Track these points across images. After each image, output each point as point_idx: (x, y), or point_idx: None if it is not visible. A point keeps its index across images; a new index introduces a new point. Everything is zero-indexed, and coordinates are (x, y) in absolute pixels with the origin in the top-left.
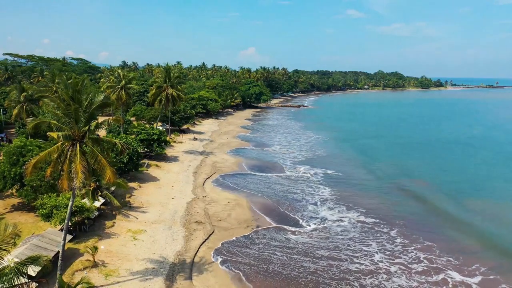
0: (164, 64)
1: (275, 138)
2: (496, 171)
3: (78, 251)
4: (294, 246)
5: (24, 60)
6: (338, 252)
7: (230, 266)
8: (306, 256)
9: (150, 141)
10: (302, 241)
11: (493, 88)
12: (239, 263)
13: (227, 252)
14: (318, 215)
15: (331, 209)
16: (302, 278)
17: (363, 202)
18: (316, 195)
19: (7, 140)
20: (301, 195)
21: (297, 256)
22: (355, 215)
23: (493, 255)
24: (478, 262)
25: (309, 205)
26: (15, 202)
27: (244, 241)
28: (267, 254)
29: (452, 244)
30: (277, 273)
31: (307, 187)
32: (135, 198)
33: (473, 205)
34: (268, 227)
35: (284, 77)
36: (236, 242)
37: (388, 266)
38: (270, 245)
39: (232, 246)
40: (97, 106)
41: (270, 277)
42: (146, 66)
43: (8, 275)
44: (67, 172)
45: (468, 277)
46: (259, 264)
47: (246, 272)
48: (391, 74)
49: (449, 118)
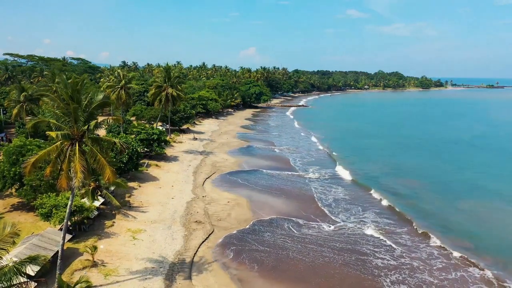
0: (164, 64)
1: (275, 137)
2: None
3: (77, 250)
4: (294, 245)
5: (24, 60)
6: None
7: (230, 266)
8: (307, 255)
9: (150, 141)
10: (302, 240)
11: (493, 88)
12: (239, 262)
13: (226, 252)
14: (319, 215)
15: (340, 209)
16: (310, 279)
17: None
18: (319, 194)
19: (7, 140)
20: (301, 194)
21: (297, 255)
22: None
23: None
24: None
25: (310, 204)
26: (15, 201)
27: (244, 240)
28: (267, 253)
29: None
30: (281, 272)
31: (308, 186)
32: (134, 197)
33: (476, 205)
34: (267, 226)
35: (284, 77)
36: (236, 242)
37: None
38: (269, 244)
39: (232, 245)
40: (96, 105)
41: (271, 276)
42: (146, 66)
43: (7, 274)
44: (66, 172)
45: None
46: (260, 263)
47: (246, 271)
48: (391, 74)
49: (450, 118)
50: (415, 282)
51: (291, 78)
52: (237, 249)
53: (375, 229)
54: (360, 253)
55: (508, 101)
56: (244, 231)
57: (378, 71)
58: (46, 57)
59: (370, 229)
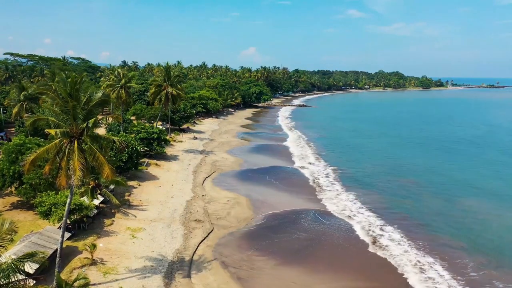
0: (164, 64)
1: (275, 137)
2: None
3: (76, 249)
4: (294, 244)
5: (25, 60)
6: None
7: (229, 264)
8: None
9: (150, 140)
10: (303, 238)
11: (494, 88)
12: (237, 261)
13: (225, 250)
14: (319, 215)
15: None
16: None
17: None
18: (319, 193)
19: (7, 139)
20: (301, 193)
21: (297, 254)
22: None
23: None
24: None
25: (310, 202)
26: (14, 200)
27: (244, 239)
28: (267, 251)
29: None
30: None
31: (308, 185)
32: (134, 196)
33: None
34: (267, 225)
35: (285, 77)
36: (235, 240)
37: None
38: (269, 243)
39: (231, 244)
40: (95, 103)
41: (271, 274)
42: (147, 65)
43: (6, 271)
44: (65, 169)
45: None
46: (260, 261)
47: (246, 270)
48: (392, 74)
49: (451, 118)
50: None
51: (292, 78)
52: (237, 247)
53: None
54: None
55: (509, 101)
56: (244, 229)
57: (379, 71)
58: (46, 57)
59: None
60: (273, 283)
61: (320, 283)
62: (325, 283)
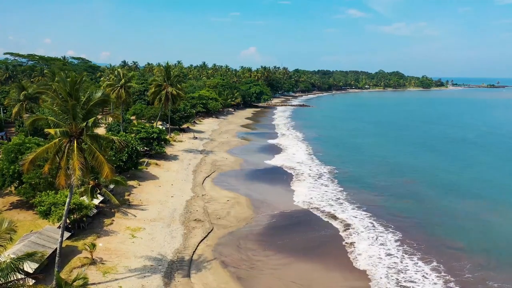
0: (164, 64)
1: (275, 137)
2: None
3: (76, 248)
4: (293, 244)
5: (25, 60)
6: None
7: (229, 263)
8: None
9: (150, 140)
10: (304, 239)
11: (494, 87)
12: (237, 260)
13: (225, 250)
14: (319, 216)
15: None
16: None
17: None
18: (320, 192)
19: (7, 138)
20: (300, 192)
21: (297, 254)
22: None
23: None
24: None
25: (309, 202)
26: (14, 200)
27: (243, 239)
28: (267, 250)
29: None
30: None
31: (308, 184)
32: (134, 196)
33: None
34: (267, 226)
35: (285, 77)
36: (235, 240)
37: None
38: (269, 242)
39: (231, 244)
40: (95, 102)
41: (270, 274)
42: (147, 65)
43: (5, 270)
44: (65, 169)
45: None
46: (260, 261)
47: (246, 269)
48: (392, 74)
49: (450, 118)
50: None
51: (292, 78)
52: (236, 247)
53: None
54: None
55: (509, 101)
56: (244, 229)
57: (379, 71)
58: (46, 57)
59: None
60: (273, 283)
61: (320, 283)
62: (325, 283)
